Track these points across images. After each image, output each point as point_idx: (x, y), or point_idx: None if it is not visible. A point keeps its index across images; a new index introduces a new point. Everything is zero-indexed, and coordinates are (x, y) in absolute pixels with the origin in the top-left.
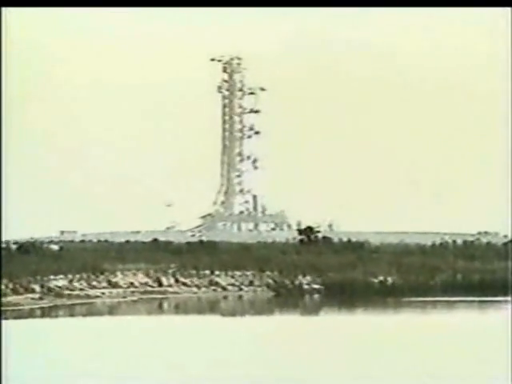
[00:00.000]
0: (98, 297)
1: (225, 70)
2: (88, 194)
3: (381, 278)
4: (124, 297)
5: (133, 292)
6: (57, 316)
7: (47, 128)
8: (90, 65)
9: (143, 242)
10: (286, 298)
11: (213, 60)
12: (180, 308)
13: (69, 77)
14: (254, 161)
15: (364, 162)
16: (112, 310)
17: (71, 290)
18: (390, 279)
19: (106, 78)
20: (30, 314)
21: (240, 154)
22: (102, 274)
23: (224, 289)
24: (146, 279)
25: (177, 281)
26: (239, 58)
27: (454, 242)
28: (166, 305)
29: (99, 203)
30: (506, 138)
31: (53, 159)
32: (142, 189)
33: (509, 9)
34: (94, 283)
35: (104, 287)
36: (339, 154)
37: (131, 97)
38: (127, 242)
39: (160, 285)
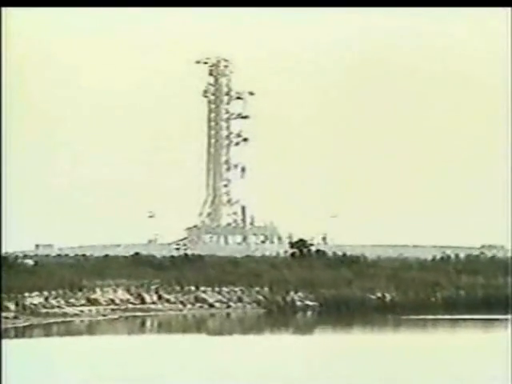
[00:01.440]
0: (76, 315)
1: (211, 73)
2: (64, 204)
3: (378, 294)
4: (104, 315)
5: (113, 310)
6: (32, 336)
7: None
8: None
9: (124, 257)
10: (277, 315)
11: (198, 62)
12: (163, 327)
13: (68, 77)
14: (242, 169)
15: (360, 171)
16: (91, 329)
17: (47, 307)
18: (388, 296)
19: (86, 82)
20: (4, 335)
21: (227, 162)
22: (80, 290)
23: (211, 306)
24: (127, 296)
25: (160, 297)
26: (226, 60)
27: (457, 255)
28: (148, 323)
29: (76, 214)
30: None
31: (26, 168)
32: (122, 199)
33: (509, 9)
34: (72, 300)
35: (82, 305)
36: (333, 161)
37: (109, 102)
38: (107, 256)
39: (142, 302)
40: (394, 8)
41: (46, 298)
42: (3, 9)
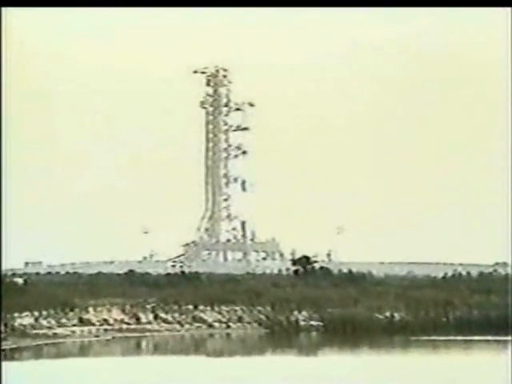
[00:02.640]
0: (67, 336)
1: (209, 83)
2: (54, 219)
3: (386, 313)
4: (97, 336)
5: (107, 330)
6: (21, 359)
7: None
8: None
9: (118, 274)
10: (280, 336)
11: (195, 72)
12: (160, 348)
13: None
14: (243, 183)
15: (366, 184)
16: (83, 351)
17: (37, 328)
18: (396, 315)
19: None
20: None
21: (226, 175)
22: (71, 310)
23: (210, 326)
24: (121, 315)
25: (156, 317)
26: (225, 70)
27: (469, 273)
28: (144, 344)
29: (67, 230)
30: None
31: (15, 181)
32: (116, 213)
33: (509, 9)
34: (63, 321)
35: (74, 325)
36: (338, 174)
37: (103, 113)
38: (99, 273)
39: (137, 322)
40: (394, 8)
41: (36, 319)
42: (3, 9)
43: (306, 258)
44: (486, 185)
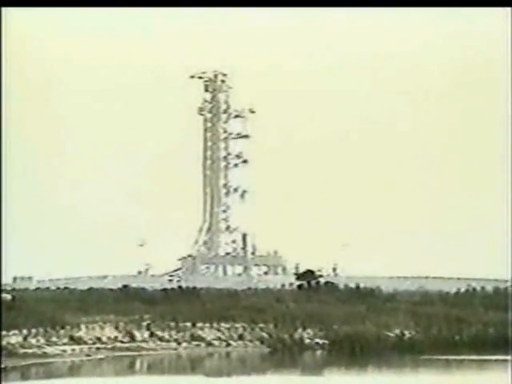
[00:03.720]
0: (57, 355)
1: (207, 89)
2: (44, 232)
3: (396, 331)
4: (88, 355)
5: (99, 349)
6: (8, 380)
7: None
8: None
9: (111, 289)
10: (283, 354)
11: (192, 77)
12: (155, 367)
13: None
14: (243, 193)
15: (374, 193)
16: (74, 371)
17: (26, 347)
18: (407, 333)
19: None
20: None
21: (226, 185)
22: (62, 327)
23: (208, 344)
24: (114, 333)
25: (152, 335)
26: (224, 75)
27: (483, 288)
28: (138, 363)
29: (58, 243)
30: None
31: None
32: (109, 225)
33: (509, 9)
34: (53, 339)
35: (65, 344)
36: (344, 184)
37: (98, 120)
38: (92, 289)
39: (132, 340)
40: (394, 8)
41: (25, 337)
42: (3, 9)
43: (311, 272)
44: (504, 196)
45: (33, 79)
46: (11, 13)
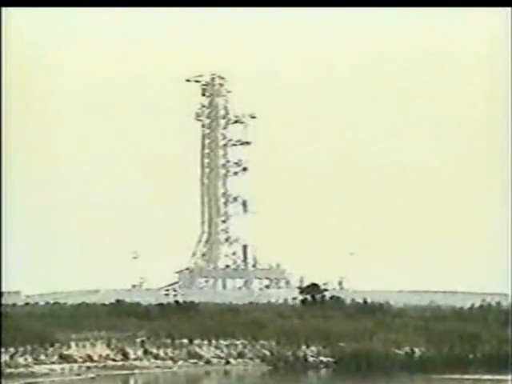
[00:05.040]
0: (45, 374)
1: (204, 93)
2: (33, 244)
3: (406, 349)
4: (79, 374)
5: (90, 367)
6: None
7: None
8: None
9: (103, 304)
10: (286, 373)
11: (188, 81)
12: None
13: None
14: (243, 203)
15: (382, 203)
16: None
17: (13, 367)
18: (417, 351)
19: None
20: None
21: (225, 194)
22: (51, 345)
23: (207, 362)
24: (106, 351)
25: (146, 352)
26: (222, 78)
27: (499, 304)
28: (131, 383)
29: (47, 255)
30: None
31: None
32: (102, 237)
33: (509, 9)
34: (42, 357)
35: (54, 362)
36: (349, 192)
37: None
38: (83, 304)
39: (125, 358)
40: (393, 8)
41: (12, 356)
42: (3, 9)
43: (315, 285)
44: None
45: (33, 79)
46: (11, 13)
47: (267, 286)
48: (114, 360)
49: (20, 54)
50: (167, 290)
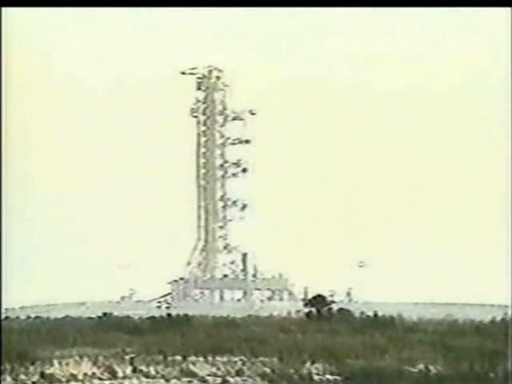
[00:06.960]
0: None
1: (199, 87)
2: (12, 252)
3: (421, 366)
4: None
5: None
6: None
7: None
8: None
9: (89, 318)
10: None
11: (183, 73)
12: None
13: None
14: (243, 207)
15: (394, 206)
16: None
17: None
18: (432, 368)
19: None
20: None
21: (223, 198)
22: (32, 363)
23: (202, 381)
24: (92, 369)
25: (136, 370)
26: (220, 71)
27: None
28: None
29: (27, 265)
30: None
31: None
32: (88, 244)
33: (509, 9)
34: (22, 377)
35: (35, 382)
36: (358, 196)
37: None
38: (67, 317)
39: (112, 376)
40: (393, 8)
41: None
42: (3, 9)
43: (321, 297)
44: None
45: (33, 79)
46: (11, 13)
47: (269, 298)
48: (100, 379)
49: (20, 54)
50: (159, 302)
